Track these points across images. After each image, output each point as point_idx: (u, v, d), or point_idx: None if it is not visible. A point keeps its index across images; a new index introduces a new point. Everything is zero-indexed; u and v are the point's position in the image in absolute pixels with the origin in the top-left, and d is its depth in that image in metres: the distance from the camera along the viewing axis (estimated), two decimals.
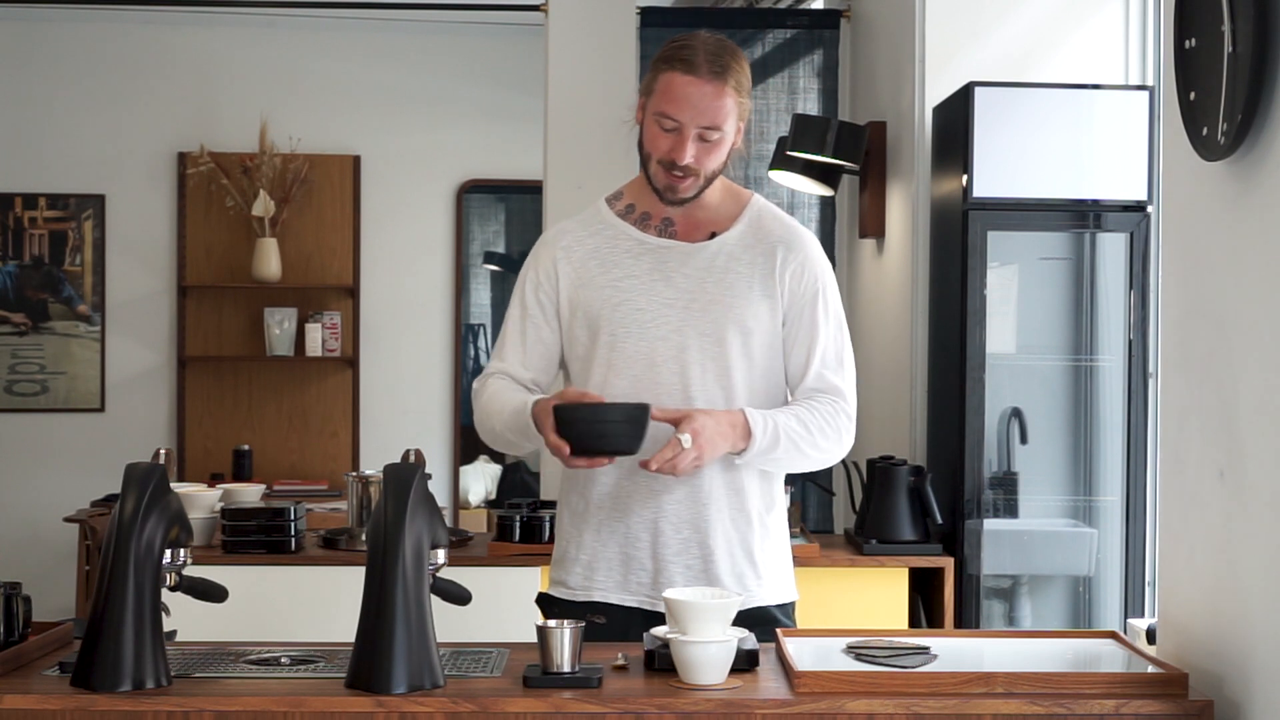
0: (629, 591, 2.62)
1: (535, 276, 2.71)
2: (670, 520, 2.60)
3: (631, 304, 2.62)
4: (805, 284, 2.63)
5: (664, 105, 2.57)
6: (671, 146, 2.57)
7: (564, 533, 2.71)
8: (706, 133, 2.56)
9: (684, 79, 2.55)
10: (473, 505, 7.52)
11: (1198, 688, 2.18)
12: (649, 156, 2.62)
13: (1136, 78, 4.15)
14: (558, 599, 2.68)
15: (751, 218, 2.68)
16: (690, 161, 2.57)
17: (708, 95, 2.54)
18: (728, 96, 2.56)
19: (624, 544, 2.62)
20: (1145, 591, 3.87)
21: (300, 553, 3.80)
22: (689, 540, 2.60)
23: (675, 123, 2.56)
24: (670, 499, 2.59)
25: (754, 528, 2.63)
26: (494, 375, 2.71)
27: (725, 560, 2.61)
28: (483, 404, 2.68)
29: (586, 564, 2.64)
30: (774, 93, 5.25)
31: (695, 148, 2.57)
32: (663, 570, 2.59)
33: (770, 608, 2.63)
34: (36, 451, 7.18)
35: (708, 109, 2.55)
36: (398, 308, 7.38)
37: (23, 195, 7.19)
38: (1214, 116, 2.12)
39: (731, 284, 2.61)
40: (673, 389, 2.59)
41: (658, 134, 2.59)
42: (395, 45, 7.31)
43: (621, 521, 2.62)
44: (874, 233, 4.78)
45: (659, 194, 2.63)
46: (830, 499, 5.02)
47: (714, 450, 2.50)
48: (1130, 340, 3.87)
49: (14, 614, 2.30)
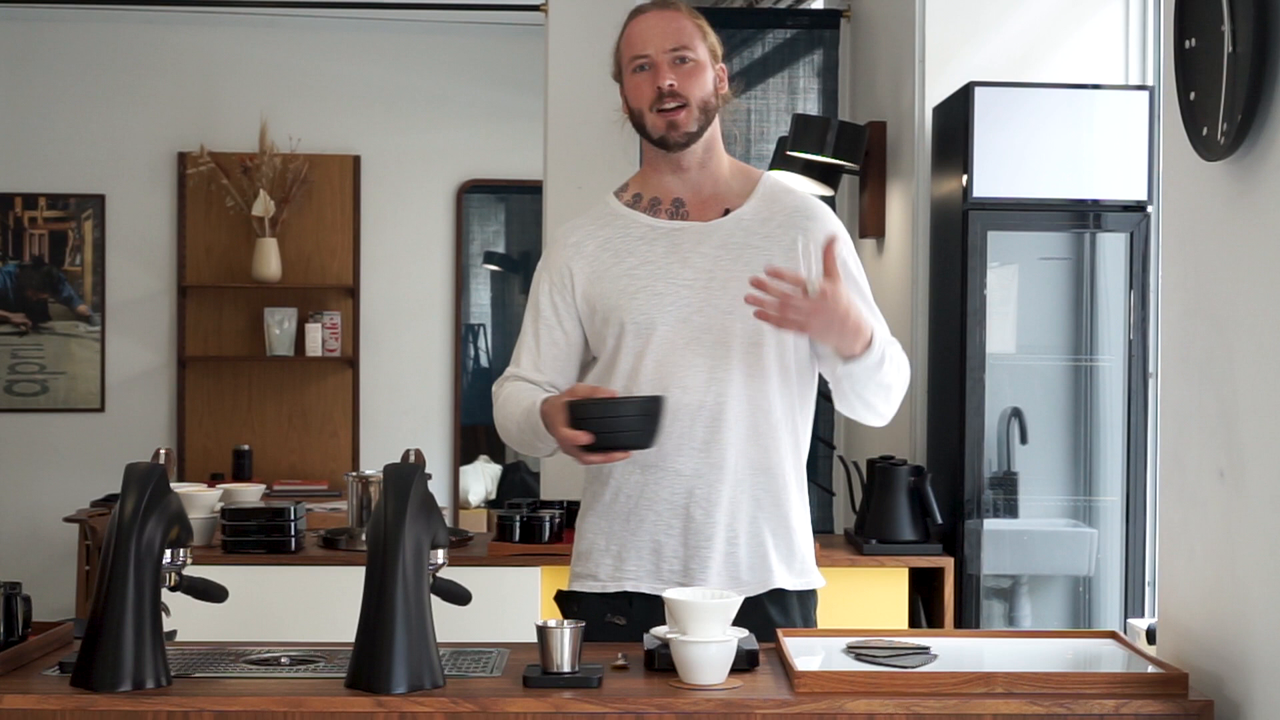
0: (661, 580, 2.58)
1: (549, 279, 2.69)
2: (701, 505, 2.56)
3: (649, 290, 2.59)
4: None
5: (629, 50, 2.61)
6: (651, 80, 2.59)
7: (590, 526, 2.66)
8: (678, 54, 2.58)
9: (639, 19, 2.62)
10: (473, 505, 7.53)
11: (1198, 688, 2.18)
12: (640, 112, 2.62)
13: (1136, 78, 4.15)
14: (584, 594, 2.64)
15: (765, 192, 2.66)
16: (673, 83, 2.57)
17: (665, 20, 2.60)
18: (684, 19, 2.61)
19: (654, 531, 2.58)
20: (1145, 591, 3.87)
21: (300, 553, 3.80)
22: (719, 524, 2.57)
23: (644, 57, 2.59)
24: (700, 484, 2.56)
25: (788, 513, 2.61)
26: (510, 379, 2.70)
27: (752, 544, 2.58)
28: (499, 408, 2.68)
29: (616, 554, 2.61)
30: (774, 93, 5.25)
31: (673, 73, 2.58)
32: (694, 555, 2.56)
33: (798, 592, 2.62)
34: (36, 451, 7.18)
35: (668, 31, 2.59)
36: (398, 308, 7.38)
37: (23, 195, 7.19)
38: (1214, 116, 2.12)
39: (750, 259, 2.57)
40: (699, 370, 2.56)
41: (638, 82, 2.61)
42: (395, 45, 7.31)
43: (650, 508, 2.58)
44: (874, 233, 4.78)
45: (664, 144, 2.61)
46: (830, 499, 5.02)
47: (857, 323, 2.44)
48: (1130, 340, 3.87)
49: (14, 614, 2.30)
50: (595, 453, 2.45)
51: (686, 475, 2.57)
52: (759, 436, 2.58)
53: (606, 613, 2.59)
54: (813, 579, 2.67)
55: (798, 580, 2.63)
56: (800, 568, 2.64)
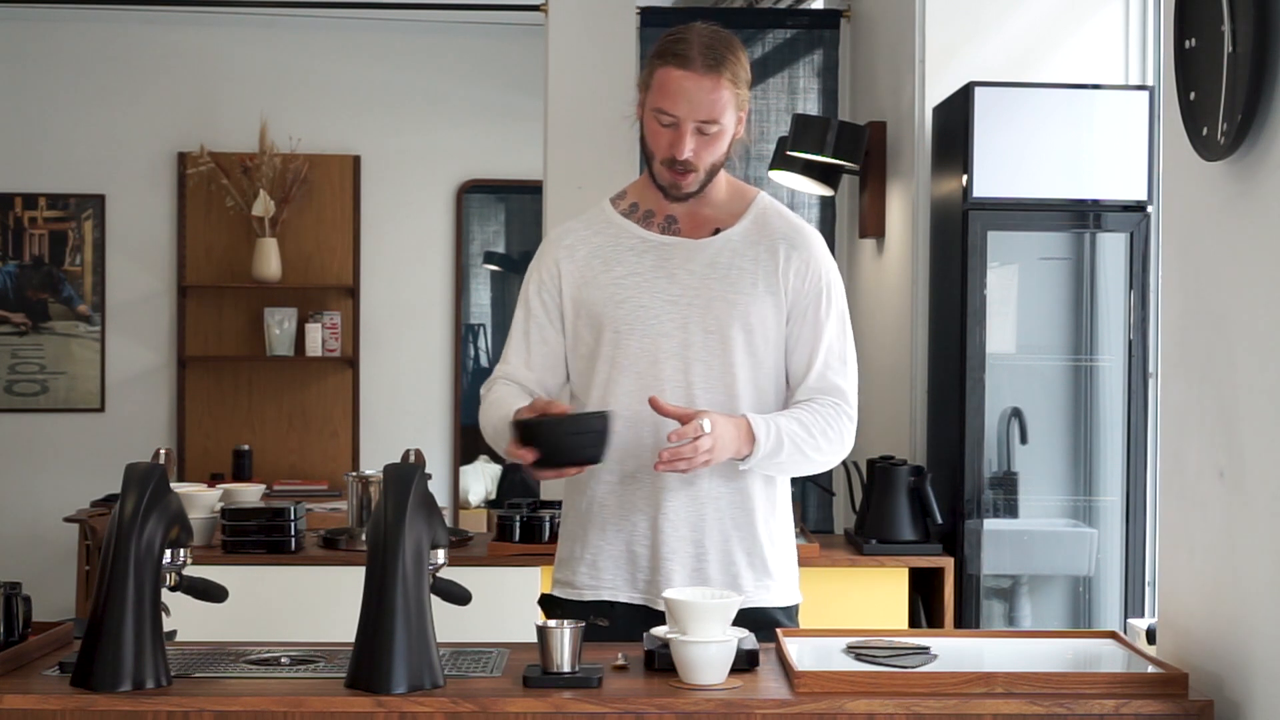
0: (635, 589, 2.61)
1: (539, 278, 2.71)
2: (670, 519, 2.59)
3: (634, 301, 2.61)
4: (809, 282, 2.62)
5: (660, 101, 2.56)
6: (671, 142, 2.57)
7: (569, 533, 2.70)
8: (704, 126, 2.55)
9: (678, 74, 2.54)
10: (473, 505, 7.52)
11: (1198, 688, 2.18)
12: (652, 155, 2.62)
13: (1136, 78, 4.15)
14: (563, 600, 2.68)
15: (756, 215, 2.67)
16: (689, 156, 2.56)
17: (703, 89, 2.53)
18: (724, 89, 2.54)
19: (629, 541, 2.61)
20: (1145, 591, 3.87)
21: (300, 553, 3.80)
22: (686, 540, 2.59)
23: (672, 118, 2.56)
24: (672, 498, 2.59)
25: (756, 529, 2.62)
26: (498, 381, 2.71)
27: (722, 561, 2.60)
28: (483, 413, 2.69)
29: (591, 562, 2.64)
30: (774, 93, 5.25)
31: (694, 142, 2.56)
32: (660, 568, 2.59)
33: (772, 609, 2.63)
34: (36, 451, 7.18)
35: (703, 103, 2.54)
36: (398, 308, 7.38)
37: (23, 195, 7.19)
38: (1214, 116, 2.12)
39: (735, 281, 2.60)
40: (676, 386, 2.58)
41: (657, 130, 2.59)
42: (395, 45, 7.30)
43: (626, 519, 2.61)
44: (874, 233, 4.78)
45: (664, 191, 2.63)
46: (830, 499, 5.02)
47: (724, 450, 2.48)
48: (1130, 340, 3.87)
49: (14, 614, 2.30)
50: (545, 469, 2.48)
51: (659, 488, 2.59)
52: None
53: (590, 615, 2.60)
54: (785, 595, 2.67)
55: (769, 596, 2.63)
56: (773, 584, 2.64)
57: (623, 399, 2.58)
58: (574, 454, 2.46)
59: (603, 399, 2.60)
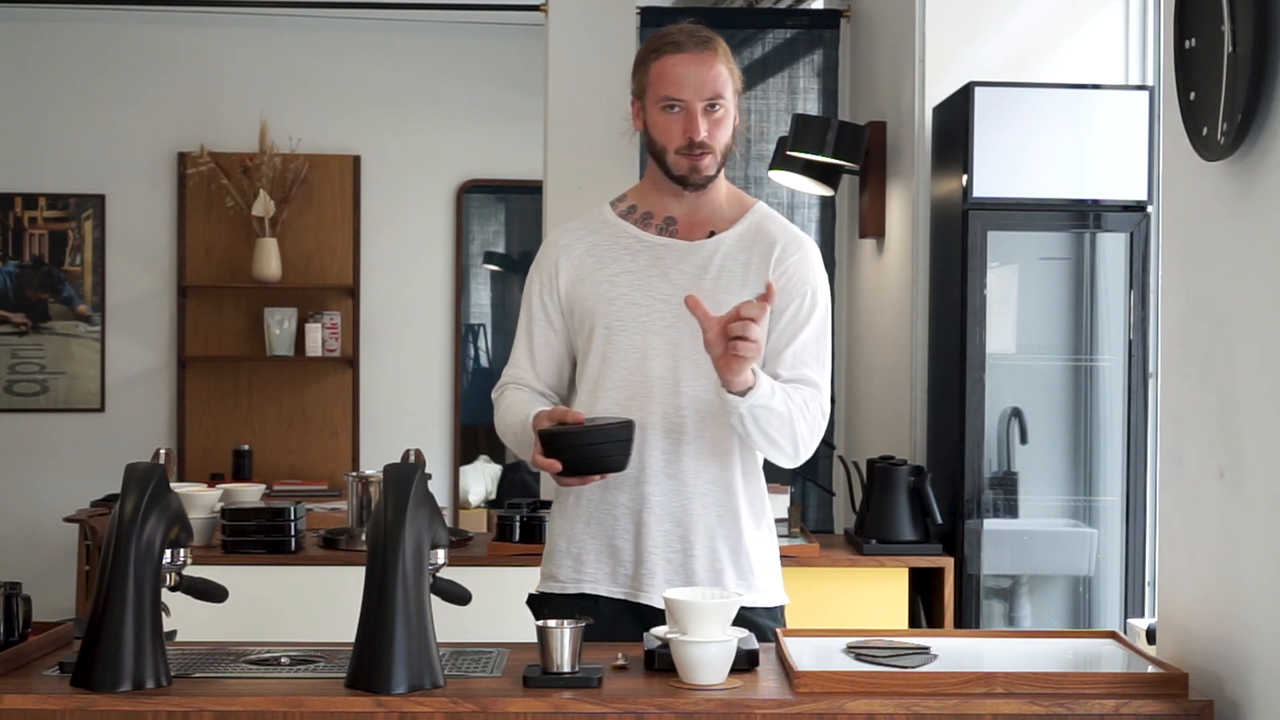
0: (616, 584, 2.62)
1: (540, 280, 2.74)
2: (654, 512, 2.60)
3: (626, 299, 2.63)
4: (796, 284, 2.63)
5: (664, 89, 2.60)
6: (684, 127, 2.60)
7: (555, 528, 2.72)
8: (712, 103, 2.60)
9: (675, 58, 2.60)
10: (473, 505, 7.52)
11: (1198, 688, 2.18)
12: (664, 150, 2.63)
13: (1136, 78, 4.15)
14: (548, 594, 2.69)
15: (753, 220, 2.69)
16: (704, 137, 2.59)
17: (703, 66, 2.59)
18: (720, 64, 2.61)
19: (611, 535, 2.62)
20: (1145, 591, 3.87)
21: (300, 553, 3.80)
22: (670, 534, 2.60)
23: (680, 102, 2.59)
24: (656, 490, 2.59)
25: (740, 527, 2.62)
26: (509, 385, 2.74)
27: (706, 557, 2.60)
28: (499, 418, 2.72)
29: (575, 556, 2.65)
30: (774, 93, 5.25)
31: (706, 120, 2.60)
32: (643, 562, 2.60)
33: (754, 610, 2.62)
34: (36, 451, 7.18)
35: (706, 79, 2.59)
36: (398, 308, 7.38)
37: (23, 195, 7.19)
38: (1214, 116, 2.12)
39: (727, 282, 2.62)
40: (665, 384, 2.60)
41: (666, 122, 2.61)
42: (395, 45, 7.30)
43: (609, 513, 2.63)
44: (874, 233, 4.78)
45: (682, 181, 2.64)
46: (830, 499, 5.02)
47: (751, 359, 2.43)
48: (1130, 340, 3.87)
49: (14, 614, 2.30)
50: (571, 477, 2.52)
51: (645, 484, 2.60)
52: (721, 453, 2.61)
53: (574, 613, 2.60)
54: (773, 596, 2.68)
55: (755, 596, 2.63)
56: (758, 583, 2.64)
57: (611, 394, 2.61)
58: (599, 464, 2.50)
59: (592, 393, 2.63)
